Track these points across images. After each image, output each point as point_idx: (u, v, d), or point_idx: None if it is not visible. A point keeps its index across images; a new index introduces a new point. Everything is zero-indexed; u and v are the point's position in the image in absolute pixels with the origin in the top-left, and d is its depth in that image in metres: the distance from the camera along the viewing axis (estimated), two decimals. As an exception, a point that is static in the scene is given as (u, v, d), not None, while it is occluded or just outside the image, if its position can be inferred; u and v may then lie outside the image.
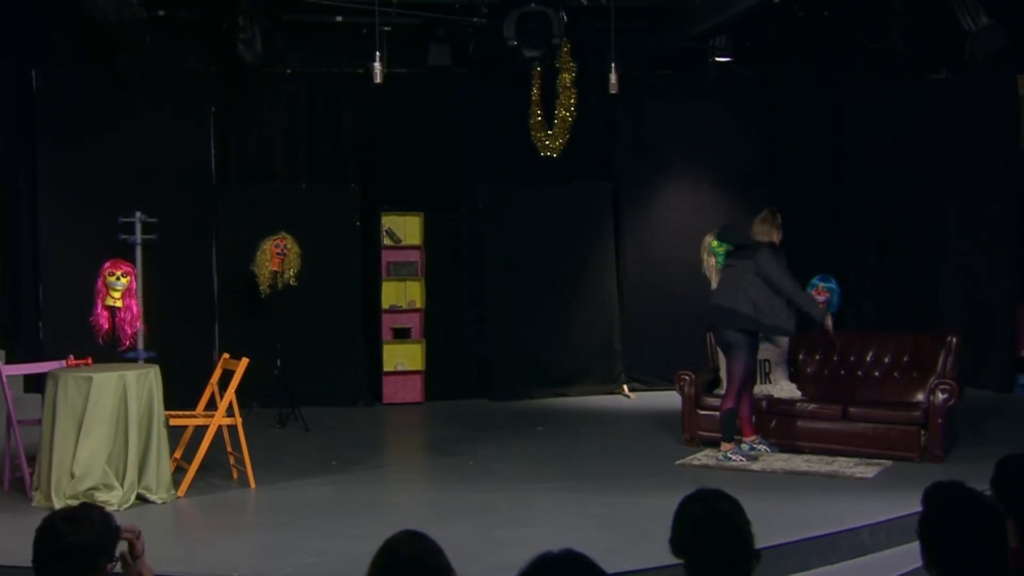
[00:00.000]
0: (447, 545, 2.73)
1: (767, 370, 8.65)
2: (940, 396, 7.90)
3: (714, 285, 10.32)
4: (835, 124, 12.05)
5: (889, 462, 7.84)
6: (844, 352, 8.81)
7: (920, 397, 8.20)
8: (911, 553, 3.32)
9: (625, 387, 11.46)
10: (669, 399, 9.74)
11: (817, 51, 11.21)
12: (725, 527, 2.89)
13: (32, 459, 7.14)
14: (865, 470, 7.67)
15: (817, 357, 8.88)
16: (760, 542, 2.96)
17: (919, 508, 3.04)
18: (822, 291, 9.75)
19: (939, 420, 7.88)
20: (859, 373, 8.70)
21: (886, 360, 8.64)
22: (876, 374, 8.64)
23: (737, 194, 11.71)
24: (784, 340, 8.78)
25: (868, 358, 8.72)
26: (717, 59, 10.46)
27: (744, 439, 8.06)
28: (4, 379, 7.52)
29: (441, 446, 9.19)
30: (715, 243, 10.34)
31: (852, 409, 8.21)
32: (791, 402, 8.45)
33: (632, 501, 6.96)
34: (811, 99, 11.94)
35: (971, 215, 11.47)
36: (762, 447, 8.03)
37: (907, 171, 11.86)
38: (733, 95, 11.63)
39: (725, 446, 7.98)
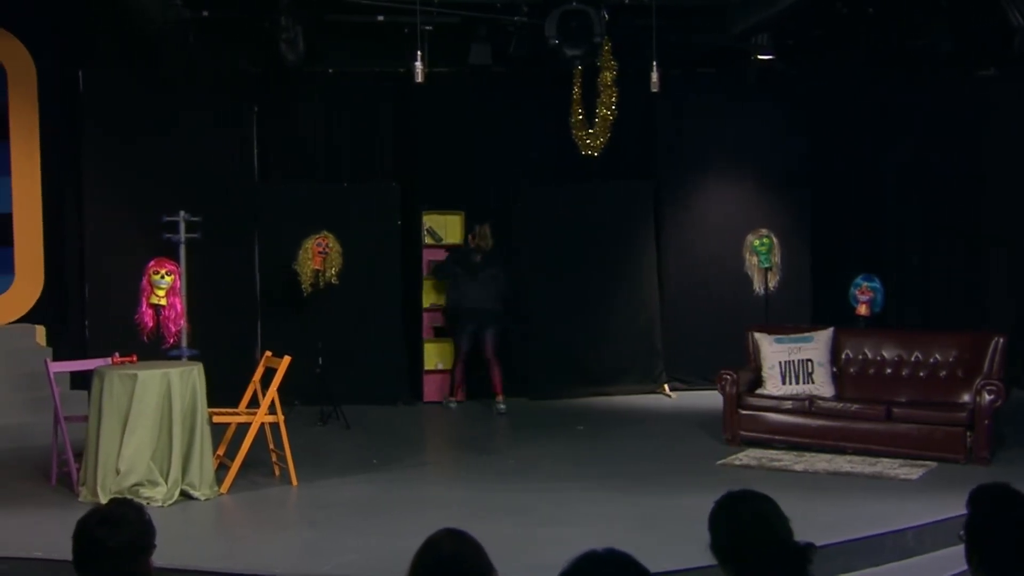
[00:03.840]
0: (487, 544, 2.74)
1: (810, 370, 8.58)
2: (987, 397, 7.80)
3: (756, 284, 10.32)
4: (878, 122, 11.91)
5: (934, 463, 7.76)
6: (888, 352, 8.72)
7: (966, 398, 8.10)
8: (957, 556, 3.27)
9: (666, 386, 11.41)
10: (710, 398, 9.68)
11: (861, 48, 11.09)
12: (766, 528, 2.86)
13: (79, 455, 7.24)
14: (909, 471, 7.59)
15: (860, 357, 8.80)
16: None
17: (964, 511, 3.00)
18: (866, 290, 9.69)
19: (985, 421, 7.79)
20: (903, 373, 8.61)
21: (931, 360, 8.54)
22: (921, 375, 8.54)
23: (779, 193, 11.62)
24: (826, 339, 8.70)
25: (912, 358, 8.62)
26: (759, 57, 10.38)
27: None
28: (51, 376, 7.63)
29: (481, 445, 9.20)
30: (756, 242, 10.31)
31: (896, 410, 8.13)
32: (834, 402, 8.39)
33: (673, 501, 6.93)
34: (854, 97, 11.81)
35: (1016, 213, 11.30)
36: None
37: (951, 169, 11.70)
38: (775, 93, 11.54)
39: (501, 397, 10.46)
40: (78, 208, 10.40)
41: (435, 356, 11.15)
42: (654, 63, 8.87)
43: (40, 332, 9.99)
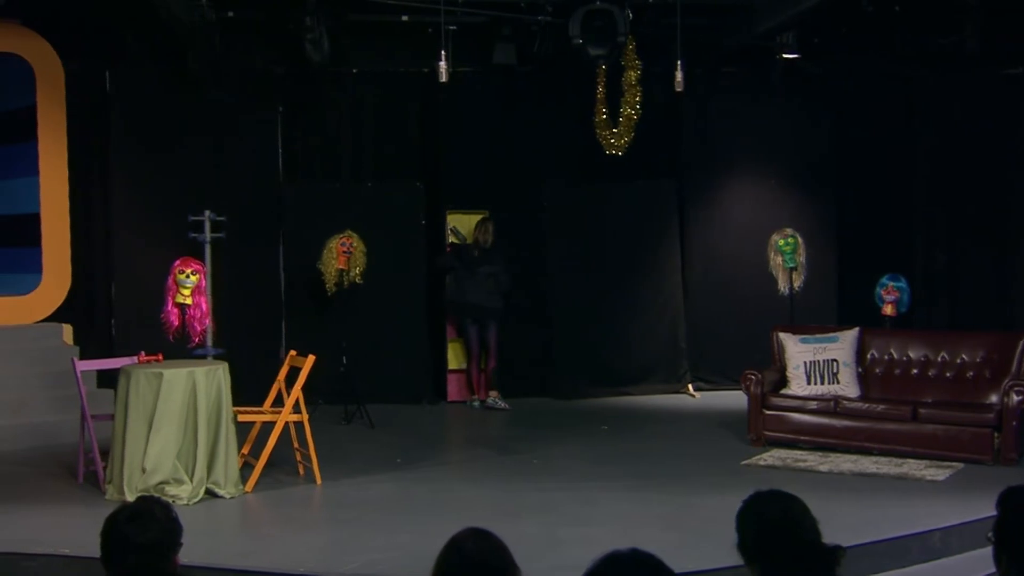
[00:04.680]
0: (510, 543, 2.73)
1: (835, 370, 8.53)
2: (1014, 398, 7.73)
3: (781, 284, 10.28)
4: (904, 120, 11.82)
5: (961, 465, 7.70)
6: (914, 353, 8.66)
7: (993, 399, 8.03)
8: (984, 558, 3.25)
9: (690, 386, 11.37)
10: (735, 399, 9.65)
11: (887, 46, 11.02)
12: (794, 528, 2.84)
13: (105, 453, 7.29)
14: (936, 472, 7.54)
15: (886, 357, 8.74)
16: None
17: (992, 512, 2.98)
18: (892, 290, 9.62)
19: (1013, 422, 7.72)
20: (930, 374, 8.55)
21: (958, 361, 8.47)
22: (947, 375, 8.47)
23: (804, 192, 11.58)
24: (851, 339, 8.66)
25: (939, 359, 8.56)
26: (784, 56, 10.34)
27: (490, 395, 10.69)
28: (78, 374, 7.69)
29: (504, 444, 9.20)
30: (781, 242, 10.26)
31: (922, 410, 8.07)
32: (860, 402, 8.34)
33: (697, 501, 6.91)
34: (880, 95, 11.73)
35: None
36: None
37: (979, 168, 11.58)
38: (800, 92, 11.50)
39: (494, 393, 10.62)
40: (105, 208, 10.48)
41: (459, 356, 11.15)
42: (678, 62, 8.85)
43: (67, 331, 10.07)
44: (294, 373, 7.66)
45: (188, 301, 8.22)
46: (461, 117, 11.18)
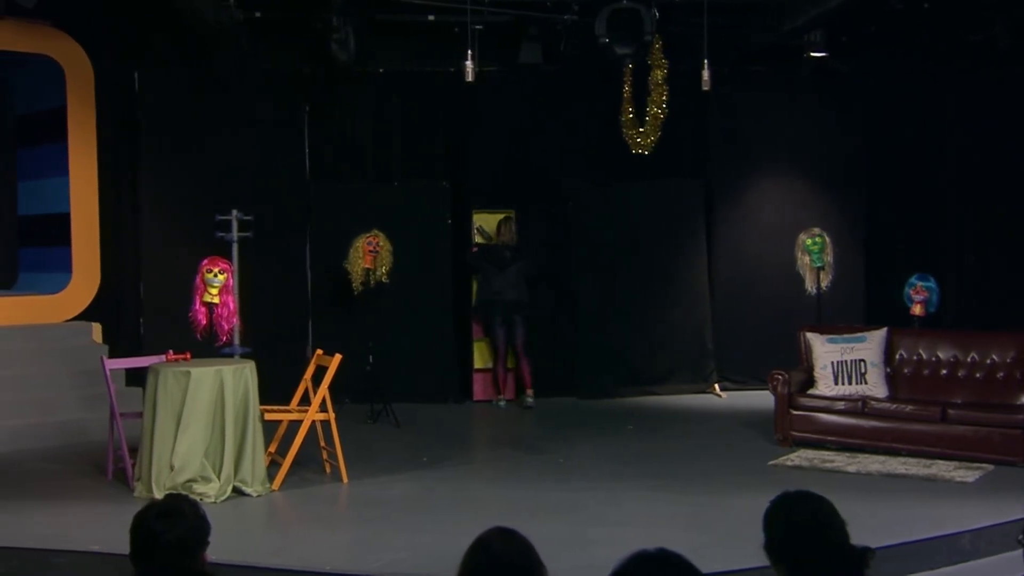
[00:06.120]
0: (536, 542, 2.73)
1: (863, 371, 8.48)
2: (1045, 399, 7.66)
3: (808, 284, 10.21)
4: (934, 119, 11.71)
5: (991, 466, 7.63)
6: (943, 353, 8.58)
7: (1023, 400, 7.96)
8: (1014, 561, 3.22)
9: (716, 386, 11.33)
10: (762, 399, 9.60)
11: (916, 44, 10.93)
12: (822, 529, 2.83)
13: (134, 451, 7.34)
14: (965, 474, 7.48)
15: (915, 358, 8.67)
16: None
17: (1022, 515, 2.95)
18: (921, 290, 9.53)
19: (1044, 424, 7.65)
20: (959, 374, 8.47)
21: (988, 361, 8.39)
22: (977, 376, 8.39)
23: (831, 191, 11.50)
24: (879, 339, 8.60)
25: (968, 359, 8.48)
26: (812, 54, 10.28)
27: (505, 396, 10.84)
28: (107, 373, 7.75)
29: (530, 444, 9.20)
30: (808, 241, 10.21)
31: (951, 411, 8.01)
32: (888, 403, 8.28)
33: (723, 501, 6.89)
34: (909, 94, 11.64)
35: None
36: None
37: (1009, 167, 11.48)
38: (828, 91, 11.42)
39: (530, 392, 10.68)
40: (133, 207, 10.56)
41: (484, 355, 11.15)
42: (705, 61, 8.81)
43: (97, 330, 10.14)
44: (321, 372, 7.69)
45: (216, 300, 8.26)
46: (487, 116, 11.19)
